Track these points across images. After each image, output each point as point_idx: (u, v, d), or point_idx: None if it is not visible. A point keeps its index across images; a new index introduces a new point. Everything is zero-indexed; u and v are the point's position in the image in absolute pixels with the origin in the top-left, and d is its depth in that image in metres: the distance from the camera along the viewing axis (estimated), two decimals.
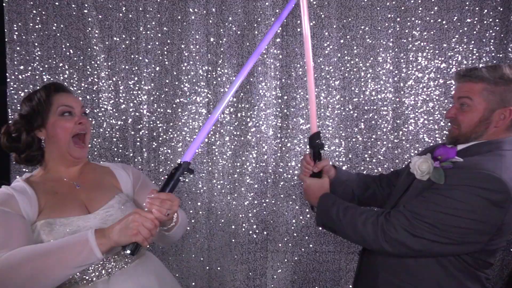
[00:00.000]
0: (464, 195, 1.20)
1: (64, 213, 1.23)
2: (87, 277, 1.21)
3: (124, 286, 1.25)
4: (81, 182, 1.35)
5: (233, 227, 2.33)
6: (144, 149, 2.26)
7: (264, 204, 2.32)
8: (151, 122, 2.26)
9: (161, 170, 2.28)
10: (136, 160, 2.26)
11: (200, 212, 2.31)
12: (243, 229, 2.33)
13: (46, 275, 1.02)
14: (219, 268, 2.35)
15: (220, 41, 2.24)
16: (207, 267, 2.34)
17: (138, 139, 2.26)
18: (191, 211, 2.30)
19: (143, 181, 1.49)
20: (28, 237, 1.14)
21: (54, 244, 1.07)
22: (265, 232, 2.34)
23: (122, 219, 1.08)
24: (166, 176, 1.15)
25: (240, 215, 2.32)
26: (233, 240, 2.34)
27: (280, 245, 2.34)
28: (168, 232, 1.32)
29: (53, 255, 1.03)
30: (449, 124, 1.43)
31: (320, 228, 1.96)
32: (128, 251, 1.06)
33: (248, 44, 2.24)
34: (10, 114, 2.15)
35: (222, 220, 2.33)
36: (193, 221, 2.31)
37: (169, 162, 2.28)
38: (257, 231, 2.34)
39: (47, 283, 1.03)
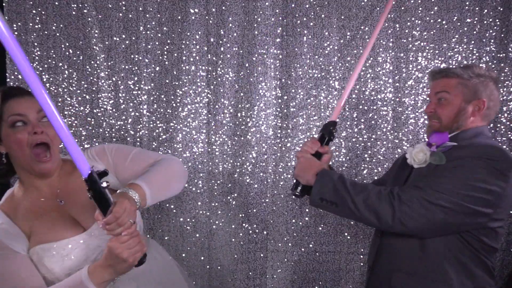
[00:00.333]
0: (471, 166, 1.30)
1: (57, 236, 1.13)
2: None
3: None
4: (63, 194, 1.21)
5: (233, 226, 2.33)
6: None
7: (264, 204, 2.32)
8: (151, 122, 2.25)
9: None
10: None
11: (200, 212, 2.31)
12: (243, 229, 2.33)
13: None
14: (219, 268, 2.35)
15: (220, 41, 2.23)
16: (207, 267, 2.34)
17: (138, 139, 2.26)
18: (191, 211, 2.30)
19: (116, 159, 1.30)
20: (31, 270, 1.07)
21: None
22: (265, 232, 2.34)
23: (105, 252, 1.01)
24: (92, 198, 0.97)
25: (240, 215, 2.33)
26: (233, 240, 2.34)
27: (280, 244, 2.34)
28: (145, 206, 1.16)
29: None
30: (428, 120, 1.55)
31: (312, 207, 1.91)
32: (136, 265, 1.04)
33: (248, 44, 2.24)
34: None
35: (222, 220, 2.33)
36: (193, 220, 2.31)
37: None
38: (257, 230, 2.34)
39: None
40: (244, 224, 2.33)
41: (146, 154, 1.35)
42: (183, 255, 2.32)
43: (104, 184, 0.94)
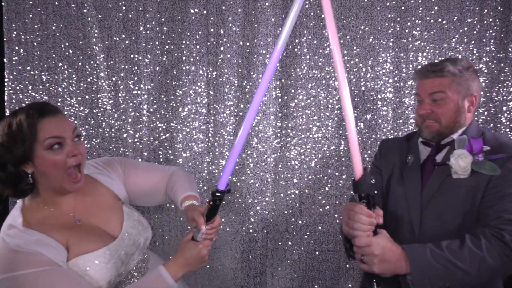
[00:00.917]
0: None
1: (94, 246, 1.14)
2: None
3: None
4: (81, 215, 1.22)
5: (233, 225, 2.34)
6: (144, 149, 2.26)
7: (264, 203, 2.33)
8: (151, 122, 2.25)
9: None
10: (136, 160, 2.26)
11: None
12: (244, 228, 2.34)
13: None
14: (219, 267, 2.36)
15: (220, 41, 2.23)
16: (208, 266, 2.35)
17: (138, 139, 2.26)
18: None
19: (128, 171, 1.43)
20: (77, 281, 1.06)
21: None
22: (265, 231, 2.35)
23: (189, 255, 1.18)
24: (210, 205, 1.16)
25: (241, 214, 2.33)
26: (233, 239, 2.34)
27: (280, 243, 2.35)
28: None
29: None
30: (418, 120, 1.51)
31: None
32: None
33: (248, 44, 2.24)
34: (7, 113, 2.14)
35: (223, 219, 2.33)
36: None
37: (169, 162, 2.28)
38: (257, 229, 2.35)
39: None
40: (244, 223, 2.34)
41: (154, 165, 1.57)
42: None
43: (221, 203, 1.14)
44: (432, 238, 1.29)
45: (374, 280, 1.09)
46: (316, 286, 2.35)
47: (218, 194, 1.09)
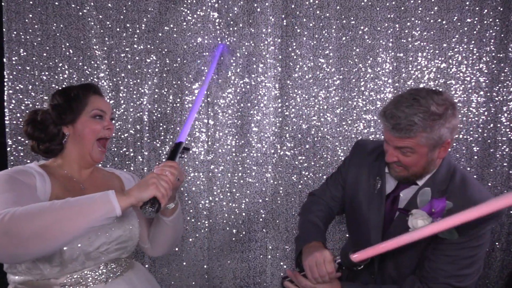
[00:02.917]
0: (485, 237, 1.32)
1: None
2: (83, 282, 1.22)
3: None
4: (89, 184, 1.36)
5: (233, 225, 2.33)
6: (144, 149, 2.26)
7: (264, 203, 2.33)
8: (152, 122, 2.25)
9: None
10: (136, 160, 2.26)
11: (201, 211, 2.31)
12: (243, 228, 2.34)
13: (62, 227, 0.99)
14: (219, 266, 2.35)
15: (220, 41, 2.23)
16: (208, 265, 2.35)
17: (138, 139, 2.26)
18: (191, 211, 2.31)
19: None
20: (36, 196, 1.14)
21: (71, 199, 1.05)
22: (264, 230, 2.34)
23: (140, 181, 1.14)
24: (167, 153, 1.25)
25: (240, 214, 2.33)
26: (233, 239, 2.34)
27: (279, 243, 2.34)
28: (168, 217, 1.37)
29: (73, 208, 1.01)
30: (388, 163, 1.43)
31: None
32: (153, 208, 1.11)
33: (247, 44, 2.24)
34: (7, 113, 2.14)
35: (223, 219, 2.33)
36: (193, 220, 2.31)
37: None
38: (256, 229, 2.34)
39: (59, 237, 0.99)
40: (244, 223, 2.33)
41: None
42: (183, 255, 2.33)
43: (181, 155, 1.36)
44: (390, 275, 1.47)
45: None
46: None
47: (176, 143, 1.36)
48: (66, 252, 1.17)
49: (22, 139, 2.15)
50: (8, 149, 2.14)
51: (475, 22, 2.20)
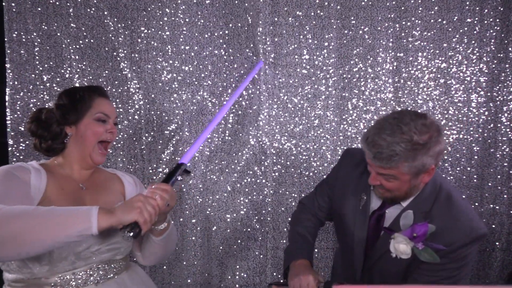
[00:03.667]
0: (471, 258, 1.33)
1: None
2: (73, 283, 1.21)
3: None
4: (88, 184, 1.36)
5: (233, 225, 2.34)
6: (144, 150, 2.26)
7: (264, 202, 2.33)
8: (152, 123, 2.26)
9: (160, 169, 2.28)
10: (136, 160, 2.26)
11: (200, 210, 2.32)
12: (243, 227, 2.34)
13: (38, 234, 0.98)
14: (218, 266, 2.36)
15: (221, 40, 2.24)
16: (207, 265, 2.35)
17: (139, 140, 2.26)
18: (191, 209, 2.31)
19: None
20: (25, 203, 1.13)
21: (56, 208, 1.04)
22: (264, 230, 2.35)
23: (126, 201, 1.10)
24: (166, 173, 1.19)
25: (240, 213, 2.33)
26: (232, 238, 2.34)
27: (279, 242, 2.35)
28: (157, 237, 1.33)
29: (54, 218, 1.01)
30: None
31: None
32: (131, 233, 1.05)
33: (252, 45, 2.24)
34: (9, 113, 2.15)
35: (222, 219, 2.33)
36: (193, 220, 2.32)
37: (171, 163, 2.28)
38: (256, 228, 2.34)
39: (34, 244, 0.99)
40: (244, 222, 2.34)
41: None
42: (183, 254, 2.33)
43: (179, 178, 1.23)
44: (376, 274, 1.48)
45: None
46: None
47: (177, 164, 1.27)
48: (55, 251, 1.16)
49: (23, 139, 2.16)
50: (10, 149, 2.15)
51: (475, 22, 2.20)
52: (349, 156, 1.63)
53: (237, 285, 2.37)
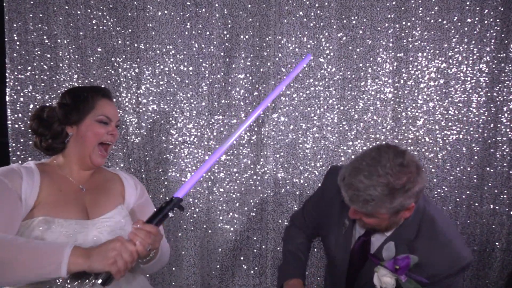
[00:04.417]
0: (455, 285, 1.32)
1: (64, 213, 1.21)
2: (69, 286, 1.18)
3: None
4: (88, 185, 1.35)
5: (233, 225, 2.34)
6: (145, 152, 2.26)
7: (264, 203, 2.33)
8: (153, 124, 2.26)
9: (160, 170, 2.29)
10: (136, 162, 2.26)
11: (200, 211, 2.32)
12: (243, 228, 2.34)
13: (15, 268, 0.98)
14: (218, 267, 2.36)
15: (221, 40, 2.24)
16: (207, 266, 2.35)
17: (139, 142, 2.26)
18: (190, 210, 2.31)
19: (146, 200, 1.48)
20: (13, 217, 1.12)
21: (32, 244, 1.03)
22: (264, 230, 2.35)
23: (103, 244, 1.05)
24: (156, 209, 1.10)
25: (240, 214, 2.33)
26: (232, 239, 2.34)
27: (279, 243, 2.35)
28: (144, 265, 1.29)
29: (26, 253, 1.00)
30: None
31: None
32: (100, 281, 0.99)
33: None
34: (9, 113, 2.15)
35: (223, 219, 2.33)
36: (191, 220, 2.32)
37: (171, 163, 2.28)
38: (256, 229, 2.34)
39: (9, 275, 0.98)
40: (243, 223, 2.34)
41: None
42: (183, 252, 2.33)
43: (171, 214, 1.10)
44: None
45: None
46: (315, 283, 2.35)
47: (168, 199, 1.12)
48: None
49: (24, 139, 2.16)
50: (10, 149, 2.15)
51: (475, 22, 2.20)
52: (334, 176, 1.50)
53: (236, 286, 2.37)
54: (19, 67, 2.15)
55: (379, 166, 1.19)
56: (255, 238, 2.35)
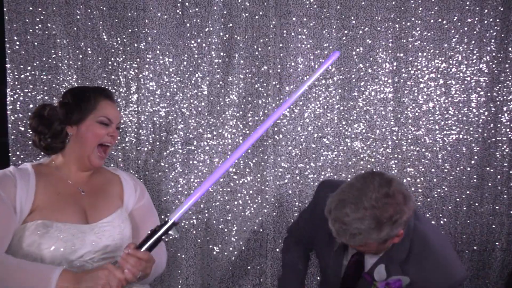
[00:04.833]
0: None
1: (63, 217, 1.20)
2: None
3: None
4: (87, 187, 1.33)
5: (232, 225, 2.34)
6: (145, 152, 2.26)
7: (264, 204, 2.33)
8: (154, 124, 2.25)
9: (159, 171, 2.28)
10: (136, 162, 2.26)
11: (200, 211, 2.32)
12: (243, 228, 2.34)
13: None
14: (218, 267, 2.35)
15: (222, 41, 2.24)
16: (206, 266, 2.35)
17: (139, 142, 2.26)
18: (191, 211, 2.31)
19: (146, 201, 1.46)
20: (6, 231, 1.11)
21: (22, 265, 1.04)
22: (264, 230, 2.34)
23: (92, 271, 1.05)
24: (149, 232, 1.05)
25: (240, 214, 2.33)
26: (232, 239, 2.34)
27: (279, 243, 2.35)
28: (136, 282, 1.24)
29: (15, 275, 1.01)
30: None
31: None
32: None
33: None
34: (9, 113, 2.15)
35: (222, 219, 2.33)
36: (192, 220, 2.32)
37: (170, 165, 2.28)
38: (256, 229, 2.34)
39: None
40: (243, 224, 2.33)
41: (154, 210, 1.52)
42: (182, 255, 2.33)
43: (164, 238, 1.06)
44: None
45: None
46: (315, 282, 2.35)
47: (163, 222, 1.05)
48: (46, 259, 1.15)
49: (24, 139, 2.15)
50: (10, 149, 2.15)
51: (475, 22, 2.20)
52: (325, 191, 1.44)
53: (236, 286, 2.37)
54: (19, 67, 2.14)
55: (364, 198, 1.17)
56: (254, 238, 2.35)
